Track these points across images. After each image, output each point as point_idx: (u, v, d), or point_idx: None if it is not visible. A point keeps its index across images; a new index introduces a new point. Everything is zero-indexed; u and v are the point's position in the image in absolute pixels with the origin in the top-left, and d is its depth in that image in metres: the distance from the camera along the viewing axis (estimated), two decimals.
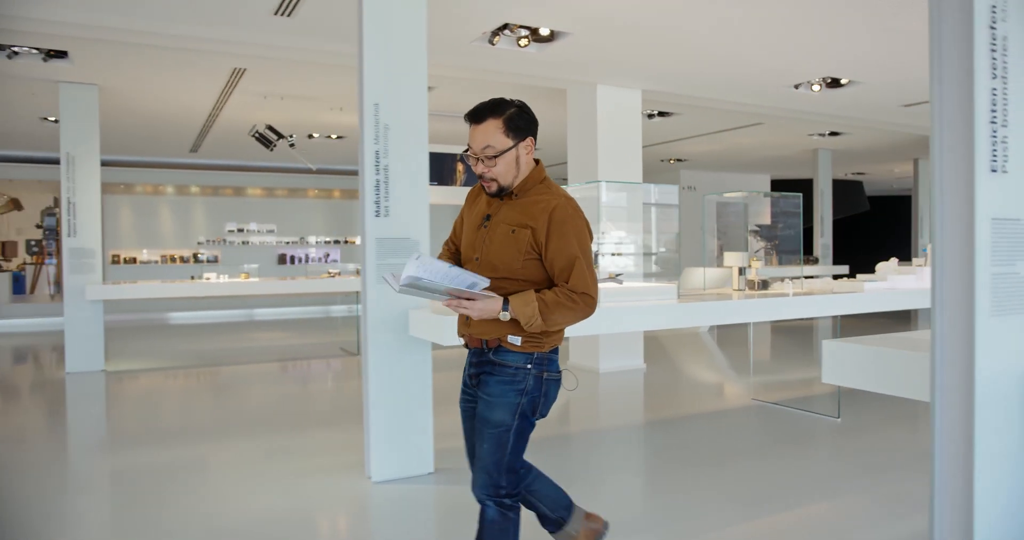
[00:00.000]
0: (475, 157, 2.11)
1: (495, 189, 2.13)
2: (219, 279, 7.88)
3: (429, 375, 3.83)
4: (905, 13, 5.00)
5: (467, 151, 2.14)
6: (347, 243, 14.47)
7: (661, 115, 8.95)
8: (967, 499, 1.80)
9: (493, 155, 2.07)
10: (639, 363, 7.11)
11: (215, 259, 13.40)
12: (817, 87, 7.10)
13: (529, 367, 2.12)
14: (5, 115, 8.61)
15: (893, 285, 5.40)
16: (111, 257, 12.78)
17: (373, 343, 3.71)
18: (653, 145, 11.22)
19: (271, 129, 7.84)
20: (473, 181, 1.95)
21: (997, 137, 1.76)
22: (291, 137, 8.01)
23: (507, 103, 2.11)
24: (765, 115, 8.73)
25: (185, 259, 13.22)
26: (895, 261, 5.96)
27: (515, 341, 2.11)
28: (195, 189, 13.53)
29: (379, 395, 3.70)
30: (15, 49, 5.95)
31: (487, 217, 2.17)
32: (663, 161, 13.26)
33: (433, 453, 3.87)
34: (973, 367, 1.74)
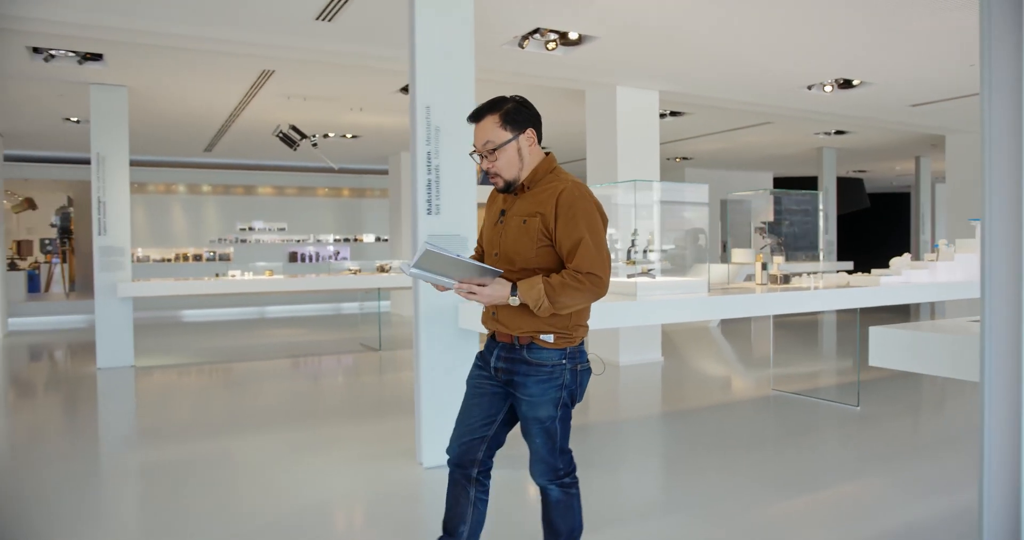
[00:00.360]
0: (480, 154, 2.18)
1: (501, 184, 2.18)
2: (243, 276, 8.04)
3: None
4: (916, 17, 5.20)
5: (473, 152, 2.21)
6: (356, 241, 14.62)
7: (673, 114, 9.14)
8: (1015, 475, 1.99)
9: (493, 149, 2.13)
10: (657, 356, 7.32)
11: (227, 257, 13.54)
12: (829, 88, 7.30)
13: (564, 362, 2.17)
14: (28, 116, 8.73)
15: (907, 279, 5.61)
16: None
17: (424, 335, 3.89)
18: (662, 143, 11.42)
19: (295, 129, 8.00)
20: (486, 179, 2.05)
21: None
22: (314, 137, 8.17)
23: (504, 99, 2.17)
24: (775, 114, 8.93)
25: (198, 257, 13.35)
26: (908, 256, 6.18)
27: (548, 339, 2.15)
28: (207, 188, 13.67)
29: (430, 384, 3.89)
30: (52, 52, 6.10)
31: (502, 213, 2.23)
32: (669, 159, 13.46)
33: None
34: (1021, 345, 1.93)
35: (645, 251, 4.75)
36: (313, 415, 5.25)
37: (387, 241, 14.46)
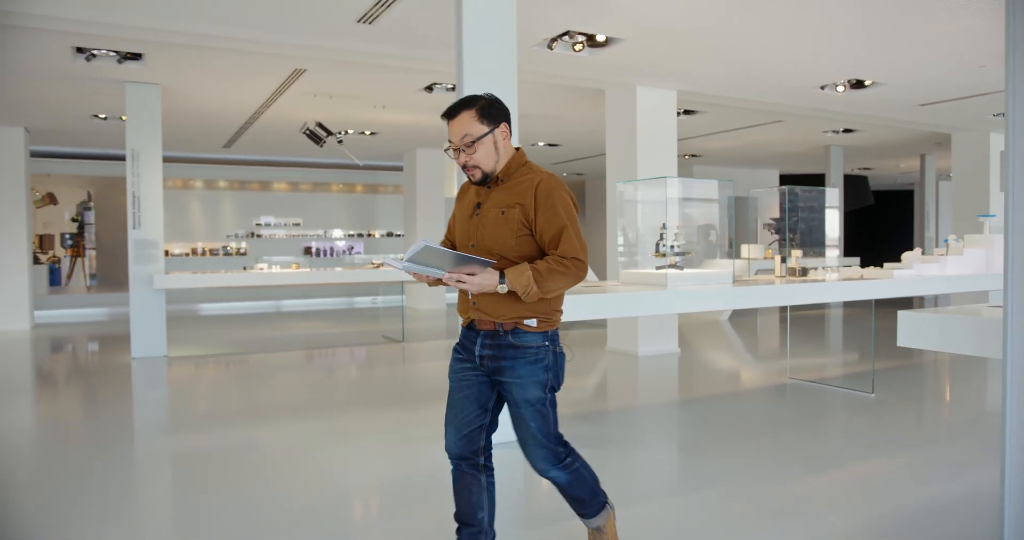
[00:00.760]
0: (456, 149, 2.25)
1: (479, 176, 2.25)
2: (271, 270, 8.28)
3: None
4: (929, 20, 5.43)
5: (448, 148, 2.29)
6: (369, 236, 14.87)
7: (687, 113, 9.37)
8: None
9: (471, 141, 2.20)
10: (674, 347, 7.56)
11: (243, 252, 13.77)
12: (842, 88, 7.53)
13: (547, 344, 2.27)
14: (57, 112, 8.94)
15: (919, 273, 5.85)
16: None
17: None
18: None
19: (321, 126, 8.22)
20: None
21: None
22: (339, 134, 8.39)
23: (478, 97, 2.27)
24: (786, 113, 9.17)
25: (215, 252, 13.58)
26: (919, 251, 6.43)
27: (531, 323, 2.24)
28: (223, 183, 13.90)
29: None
30: (94, 52, 6.32)
31: (478, 205, 2.30)
32: (679, 156, 13.68)
33: None
34: None
35: (672, 245, 4.99)
36: (346, 403, 5.48)
37: (400, 236, 14.71)
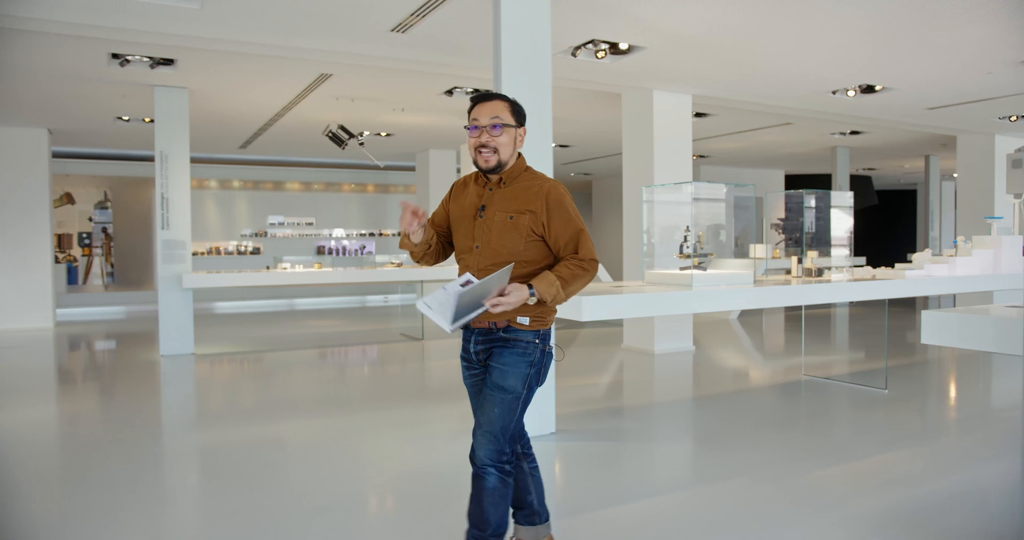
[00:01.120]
0: (481, 127, 2.30)
1: (494, 162, 2.30)
2: (295, 269, 8.47)
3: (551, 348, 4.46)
4: (940, 28, 5.63)
5: (470, 127, 2.33)
6: (381, 235, 15.07)
7: (698, 115, 9.56)
8: None
9: (501, 124, 2.29)
10: (689, 345, 7.76)
11: (257, 251, 13.96)
12: (852, 93, 7.73)
13: (537, 341, 2.35)
14: (83, 115, 9.12)
15: (929, 273, 6.05)
16: None
17: None
18: None
19: (343, 129, 8.41)
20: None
21: None
22: (361, 135, 8.58)
23: (508, 97, 2.39)
24: (796, 116, 9.36)
25: (229, 251, 13.77)
26: (929, 251, 6.62)
27: (523, 321, 2.31)
28: (237, 183, 14.08)
29: None
30: (128, 57, 6.50)
31: (482, 208, 2.35)
32: None
33: (555, 416, 4.50)
34: None
35: (695, 246, 5.19)
36: (371, 398, 5.67)
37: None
